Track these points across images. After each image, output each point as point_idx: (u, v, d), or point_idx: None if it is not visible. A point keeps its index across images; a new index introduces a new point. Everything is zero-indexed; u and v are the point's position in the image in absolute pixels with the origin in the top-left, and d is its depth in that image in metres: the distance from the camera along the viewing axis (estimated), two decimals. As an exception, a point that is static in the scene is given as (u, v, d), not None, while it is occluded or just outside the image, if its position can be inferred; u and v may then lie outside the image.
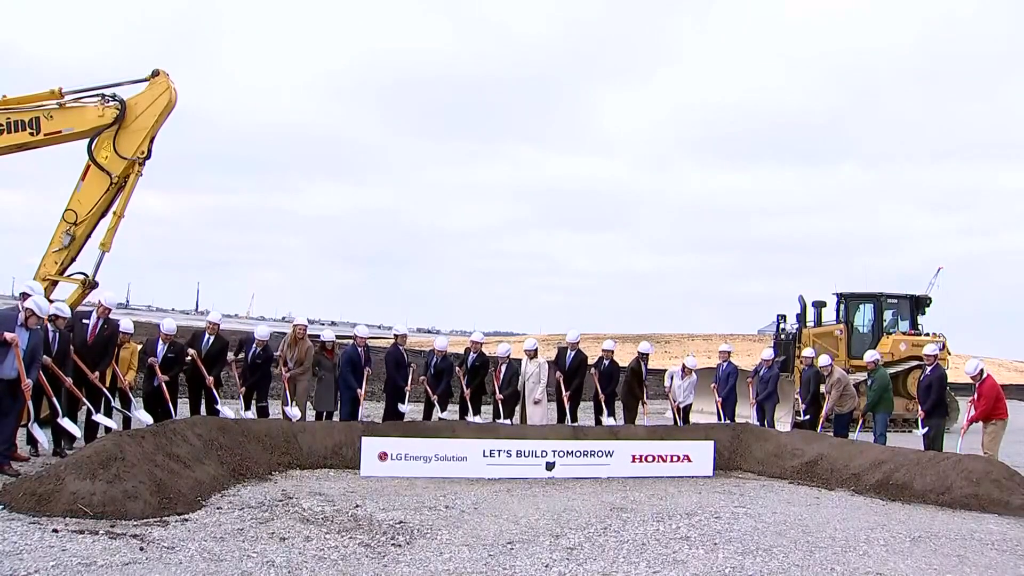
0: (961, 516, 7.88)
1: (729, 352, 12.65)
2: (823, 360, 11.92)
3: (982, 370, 10.25)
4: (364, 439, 8.80)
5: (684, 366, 12.57)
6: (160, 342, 9.65)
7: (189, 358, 9.86)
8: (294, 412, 10.17)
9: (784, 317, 19.03)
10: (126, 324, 9.53)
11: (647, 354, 12.47)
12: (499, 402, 11.19)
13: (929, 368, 10.88)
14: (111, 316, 9.19)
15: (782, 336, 18.60)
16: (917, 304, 18.62)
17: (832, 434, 11.26)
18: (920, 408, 10.94)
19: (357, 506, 6.98)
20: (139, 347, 9.86)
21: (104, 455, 6.44)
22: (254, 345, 10.38)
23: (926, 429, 10.79)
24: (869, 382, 11.48)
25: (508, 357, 11.53)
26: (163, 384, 9.46)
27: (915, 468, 8.88)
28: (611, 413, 12.02)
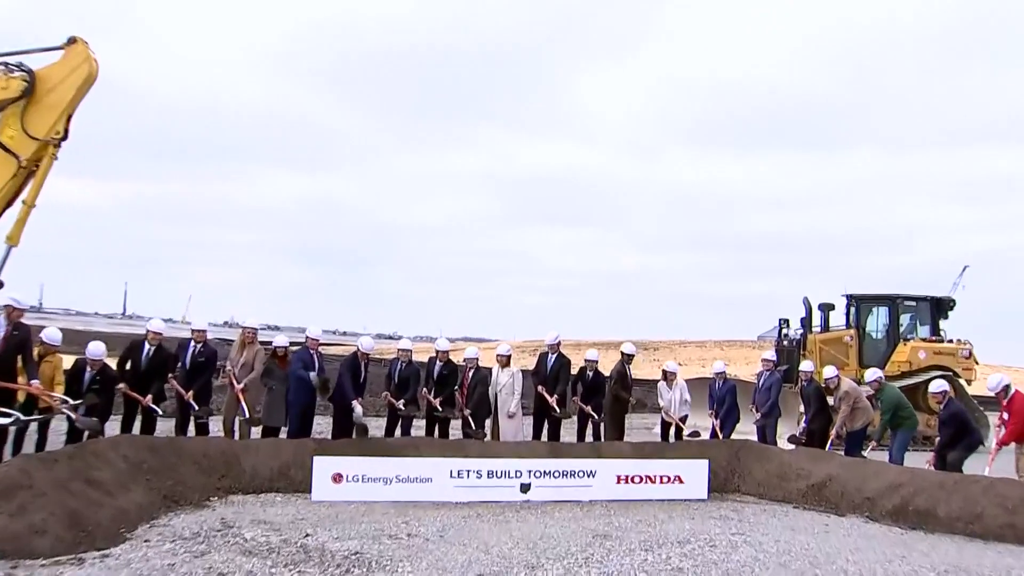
0: (995, 549, 7.75)
1: (724, 372, 12.69)
2: (828, 372, 11.96)
3: (1007, 386, 10.11)
4: (316, 458, 8.74)
5: (665, 372, 12.58)
6: (88, 368, 9.51)
7: (121, 386, 9.79)
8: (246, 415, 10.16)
9: (787, 322, 19.13)
10: (51, 333, 9.33)
11: (631, 355, 12.60)
12: (466, 417, 11.15)
13: (941, 406, 10.71)
14: (23, 321, 9.00)
15: (785, 343, 18.70)
16: (938, 307, 18.71)
17: (843, 453, 11.29)
18: (937, 438, 10.89)
19: (307, 535, 6.91)
20: (63, 359, 9.69)
21: (6, 483, 6.27)
22: (191, 343, 10.29)
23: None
24: (878, 404, 11.43)
25: (477, 360, 11.52)
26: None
27: (939, 492, 8.80)
28: (596, 433, 12.03)
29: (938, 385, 10.95)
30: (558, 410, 11.62)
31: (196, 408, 10.18)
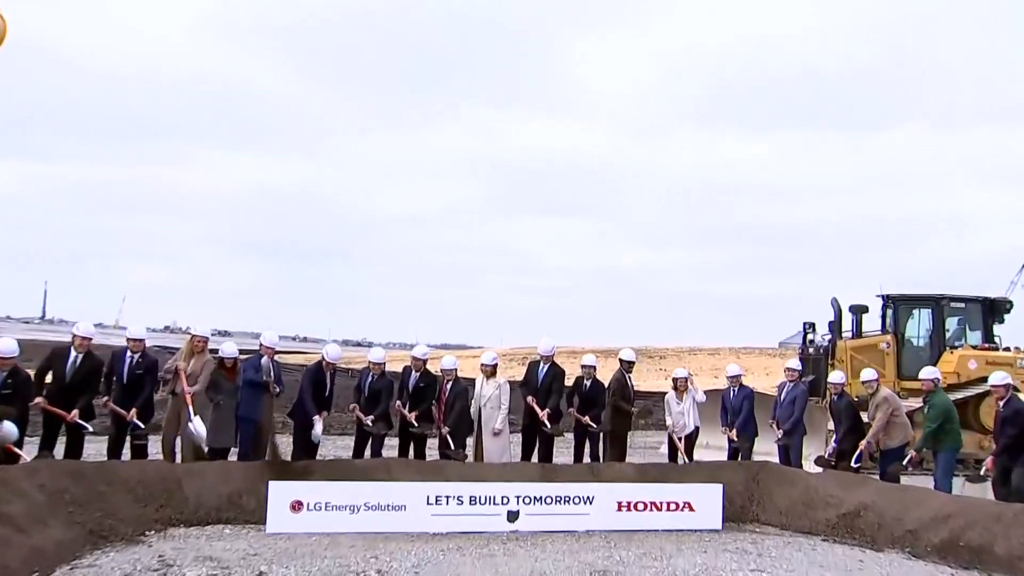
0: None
1: (740, 376, 12.70)
2: (866, 374, 11.94)
3: None
4: (271, 484, 8.73)
5: (675, 380, 12.62)
6: None
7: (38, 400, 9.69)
8: (198, 427, 10.04)
9: (813, 326, 19.14)
10: None
11: (631, 362, 12.67)
12: (444, 435, 11.16)
13: (1002, 403, 10.77)
14: None
15: (811, 351, 18.72)
16: (992, 309, 18.55)
17: (879, 476, 11.30)
18: (992, 450, 10.83)
19: (261, 573, 6.90)
20: None
21: None
22: (127, 353, 10.23)
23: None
24: (925, 409, 11.44)
25: (455, 371, 11.59)
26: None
27: (996, 525, 8.70)
28: (594, 453, 12.03)
29: (1000, 377, 10.94)
30: (549, 425, 11.60)
31: (142, 426, 10.08)
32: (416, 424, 11.14)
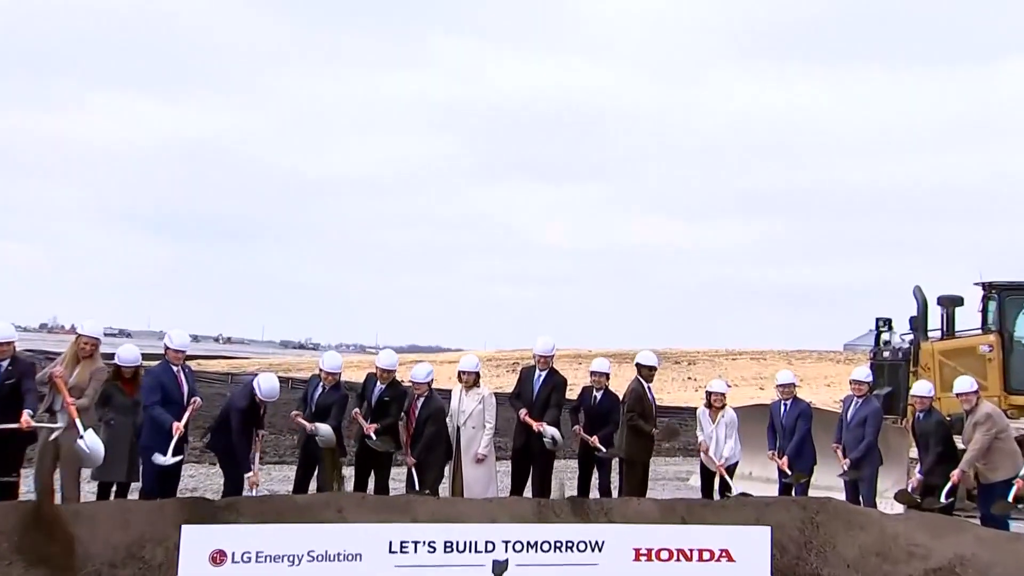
0: None
1: (793, 385, 12.67)
2: (962, 384, 11.85)
3: None
4: (185, 528, 8.63)
5: (709, 395, 12.58)
6: None
7: None
8: (93, 443, 9.93)
9: (888, 323, 19.19)
10: None
11: (652, 368, 12.75)
12: (410, 468, 11.18)
13: None
14: None
15: (886, 355, 18.77)
16: None
17: (980, 520, 11.25)
18: None
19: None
20: None
21: None
22: None
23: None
24: None
25: (429, 384, 11.59)
26: None
27: None
28: (605, 484, 12.02)
29: None
30: (546, 433, 11.53)
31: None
32: (373, 436, 11.08)
